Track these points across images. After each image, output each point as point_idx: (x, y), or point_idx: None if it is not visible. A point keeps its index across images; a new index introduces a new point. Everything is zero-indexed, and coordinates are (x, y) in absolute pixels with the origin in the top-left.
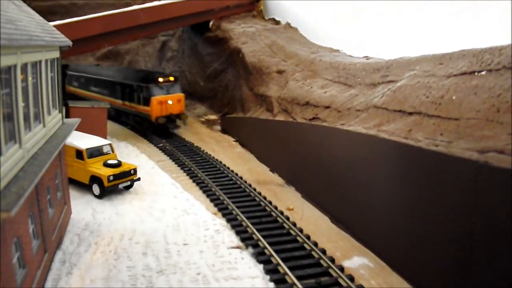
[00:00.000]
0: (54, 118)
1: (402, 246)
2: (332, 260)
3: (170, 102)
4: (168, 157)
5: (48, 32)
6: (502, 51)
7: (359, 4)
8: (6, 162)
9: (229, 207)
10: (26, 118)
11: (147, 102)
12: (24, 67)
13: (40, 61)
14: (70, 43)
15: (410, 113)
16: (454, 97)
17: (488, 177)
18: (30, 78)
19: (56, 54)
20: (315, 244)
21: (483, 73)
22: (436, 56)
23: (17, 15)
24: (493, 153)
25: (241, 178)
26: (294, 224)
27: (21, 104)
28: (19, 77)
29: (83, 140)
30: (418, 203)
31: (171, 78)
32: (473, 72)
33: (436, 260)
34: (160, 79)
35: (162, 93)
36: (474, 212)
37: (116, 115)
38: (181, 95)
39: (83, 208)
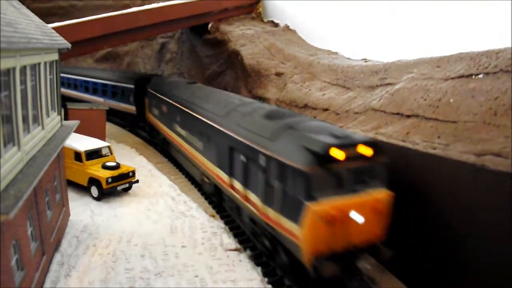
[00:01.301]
0: (53, 120)
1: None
2: None
3: (358, 217)
4: (167, 159)
5: (47, 35)
6: (499, 54)
7: (357, 5)
8: (4, 164)
9: (227, 209)
10: (25, 120)
11: (294, 212)
12: (23, 69)
13: (39, 64)
14: (69, 45)
15: (408, 116)
16: (451, 100)
17: (485, 180)
18: (29, 81)
19: (55, 56)
20: None
21: (481, 76)
22: (434, 59)
23: (16, 17)
24: (490, 156)
25: None
26: None
27: (20, 106)
28: (18, 79)
29: (81, 142)
30: None
31: (367, 151)
32: (471, 75)
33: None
34: (336, 153)
35: (338, 192)
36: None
37: (218, 201)
38: (382, 196)
39: (82, 210)
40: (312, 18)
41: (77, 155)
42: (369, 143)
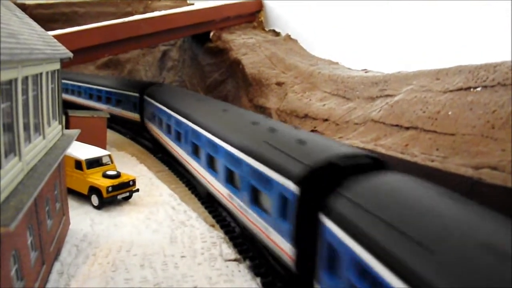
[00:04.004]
0: (54, 129)
1: None
2: None
3: None
4: (167, 168)
5: (49, 45)
6: (497, 67)
7: (358, 16)
8: (5, 175)
9: (227, 218)
10: (26, 130)
11: None
12: (25, 80)
13: (41, 74)
14: (70, 55)
15: (407, 128)
16: (450, 113)
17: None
18: (30, 91)
19: (57, 65)
20: None
21: (479, 89)
22: (433, 71)
23: (19, 27)
24: (487, 169)
25: None
26: None
27: (21, 117)
28: (20, 90)
29: (82, 151)
30: None
31: None
32: (469, 88)
33: None
34: None
35: None
36: None
37: None
38: None
39: (82, 219)
40: (313, 28)
41: (78, 164)
42: None
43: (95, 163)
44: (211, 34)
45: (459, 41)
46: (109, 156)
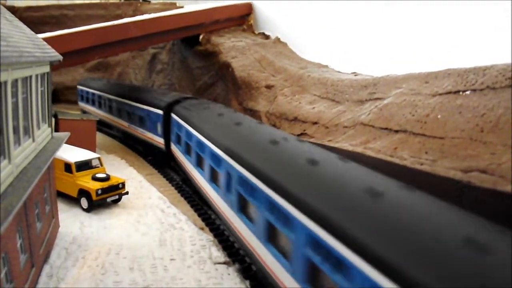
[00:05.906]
0: (44, 132)
1: None
2: None
3: None
4: (157, 171)
5: (39, 48)
6: (486, 71)
7: (348, 19)
8: None
9: (216, 221)
10: (16, 133)
11: None
12: (15, 82)
13: (31, 76)
14: (60, 58)
15: (396, 131)
16: (439, 116)
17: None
18: (20, 94)
19: (46, 68)
20: None
21: (468, 92)
22: (422, 75)
23: (9, 30)
24: (476, 172)
25: None
26: None
27: (11, 119)
28: (9, 93)
29: (72, 153)
30: None
31: None
32: (458, 91)
33: None
34: None
35: None
36: None
37: None
38: None
39: (71, 222)
40: (303, 31)
41: (67, 167)
42: None
43: (84, 166)
44: (201, 37)
45: (450, 41)
46: (99, 159)
